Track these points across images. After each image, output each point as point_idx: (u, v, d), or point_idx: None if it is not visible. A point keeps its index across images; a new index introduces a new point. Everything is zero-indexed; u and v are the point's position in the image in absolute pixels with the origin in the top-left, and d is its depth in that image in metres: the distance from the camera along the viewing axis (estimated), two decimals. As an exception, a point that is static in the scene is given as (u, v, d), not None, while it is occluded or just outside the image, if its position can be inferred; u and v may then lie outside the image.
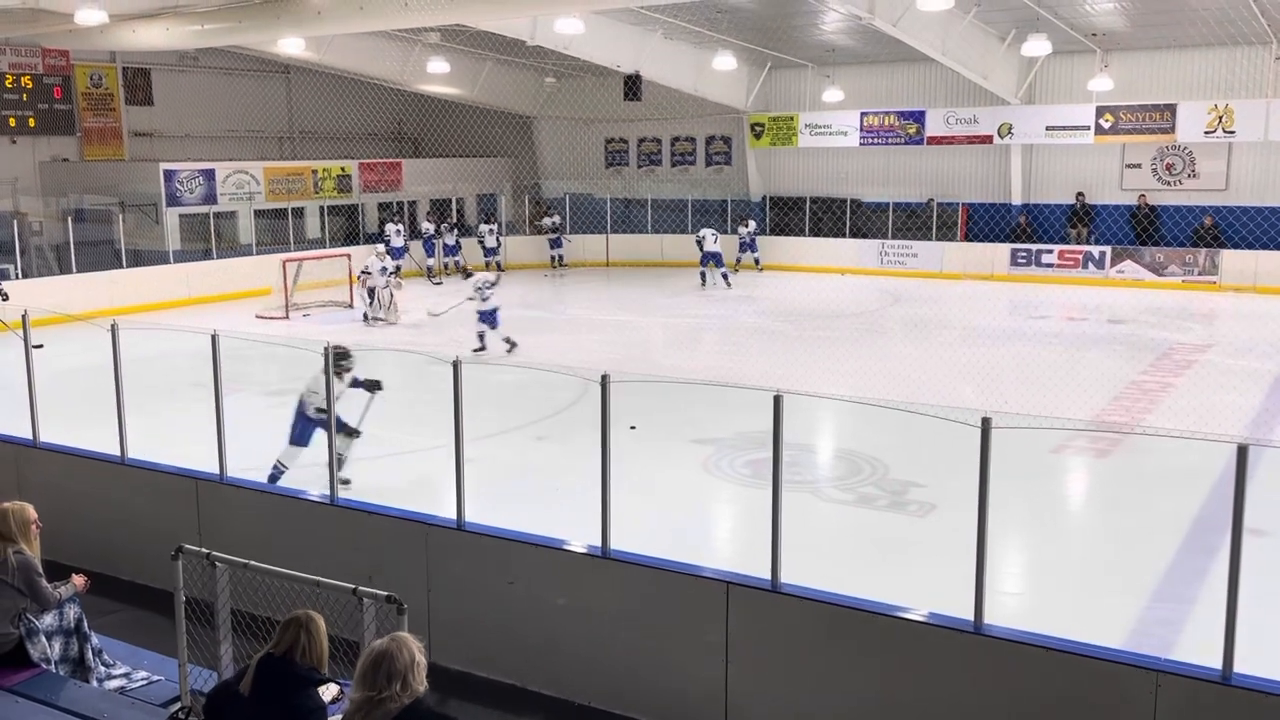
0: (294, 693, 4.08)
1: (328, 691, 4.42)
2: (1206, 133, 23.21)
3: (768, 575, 5.89)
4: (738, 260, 26.47)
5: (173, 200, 23.93)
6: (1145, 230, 24.36)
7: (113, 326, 8.26)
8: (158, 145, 26.42)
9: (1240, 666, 4.83)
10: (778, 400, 5.74)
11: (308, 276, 21.64)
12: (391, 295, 20.11)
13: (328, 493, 7.47)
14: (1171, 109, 23.42)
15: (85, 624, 5.87)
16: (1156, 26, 21.78)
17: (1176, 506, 9.28)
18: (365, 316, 19.90)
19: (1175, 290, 23.12)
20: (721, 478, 10.43)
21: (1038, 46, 21.62)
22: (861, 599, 5.79)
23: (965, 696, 5.42)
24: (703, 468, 10.67)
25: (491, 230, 27.03)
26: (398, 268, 23.15)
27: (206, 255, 23.68)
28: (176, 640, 5.31)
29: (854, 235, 27.53)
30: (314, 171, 27.37)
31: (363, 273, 20.19)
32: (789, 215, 28.35)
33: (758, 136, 28.65)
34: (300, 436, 9.75)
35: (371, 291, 19.88)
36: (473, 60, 26.82)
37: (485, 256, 26.70)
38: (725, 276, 24.72)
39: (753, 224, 26.91)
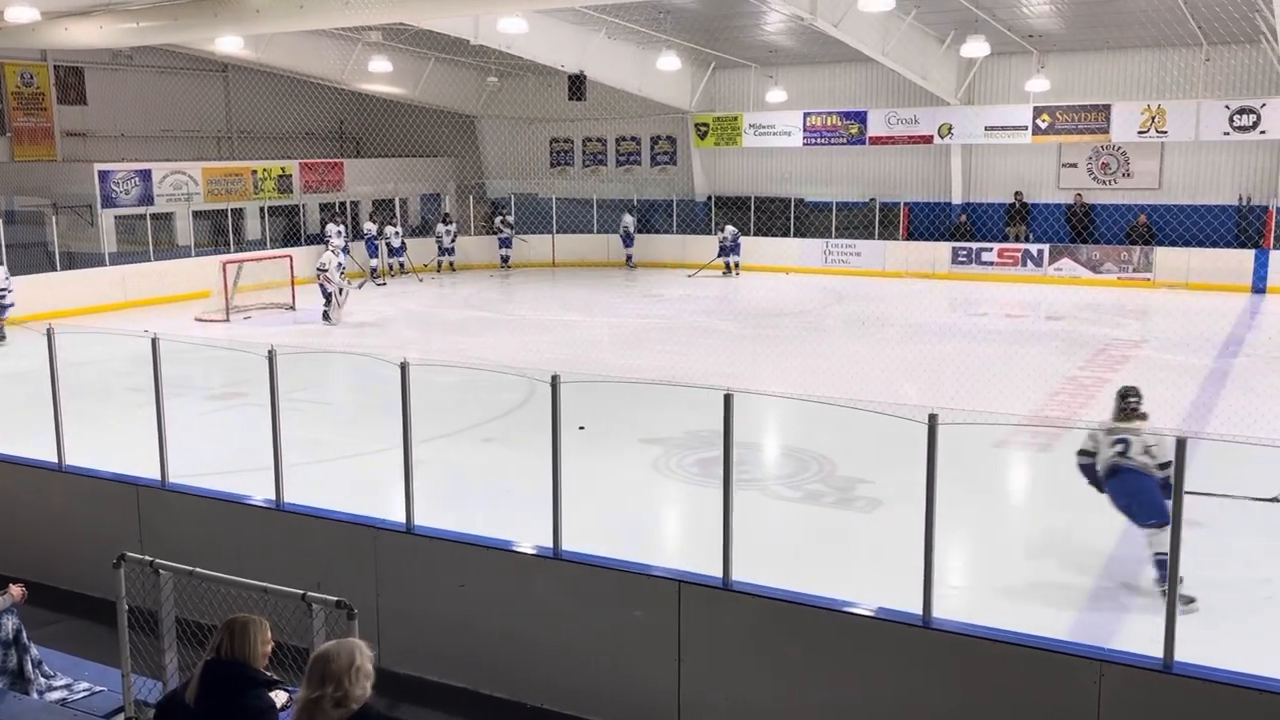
0: (242, 694, 4.02)
1: (276, 698, 4.36)
2: (1140, 133, 23.73)
3: (719, 573, 5.92)
4: (726, 264, 26.39)
5: (108, 201, 23.43)
6: (1081, 229, 24.83)
7: (49, 331, 8.08)
8: (91, 145, 25.87)
9: (1180, 655, 4.94)
10: (728, 399, 5.77)
11: (248, 278, 21.33)
12: (344, 294, 19.98)
13: (273, 497, 7.36)
14: (1106, 109, 23.91)
15: (24, 635, 5.74)
16: (1091, 28, 22.22)
17: (1116, 499, 9.45)
18: (325, 315, 19.76)
19: (1111, 287, 23.59)
20: (671, 477, 10.45)
21: (976, 48, 21.97)
22: (811, 595, 5.84)
23: (915, 689, 5.49)
24: (652, 467, 10.69)
25: (449, 230, 27.17)
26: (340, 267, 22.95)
27: (143, 257, 23.23)
28: (119, 650, 5.21)
29: (798, 235, 27.72)
30: (254, 172, 26.96)
31: (319, 270, 19.97)
32: (734, 215, 28.47)
33: (702, 136, 28.75)
34: (1148, 508, 7.21)
35: (328, 294, 19.72)
36: (415, 59, 26.60)
37: (439, 255, 27.05)
38: (629, 259, 27.99)
39: (731, 229, 26.56)
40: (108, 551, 5.32)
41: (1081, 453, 7.83)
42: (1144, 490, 7.28)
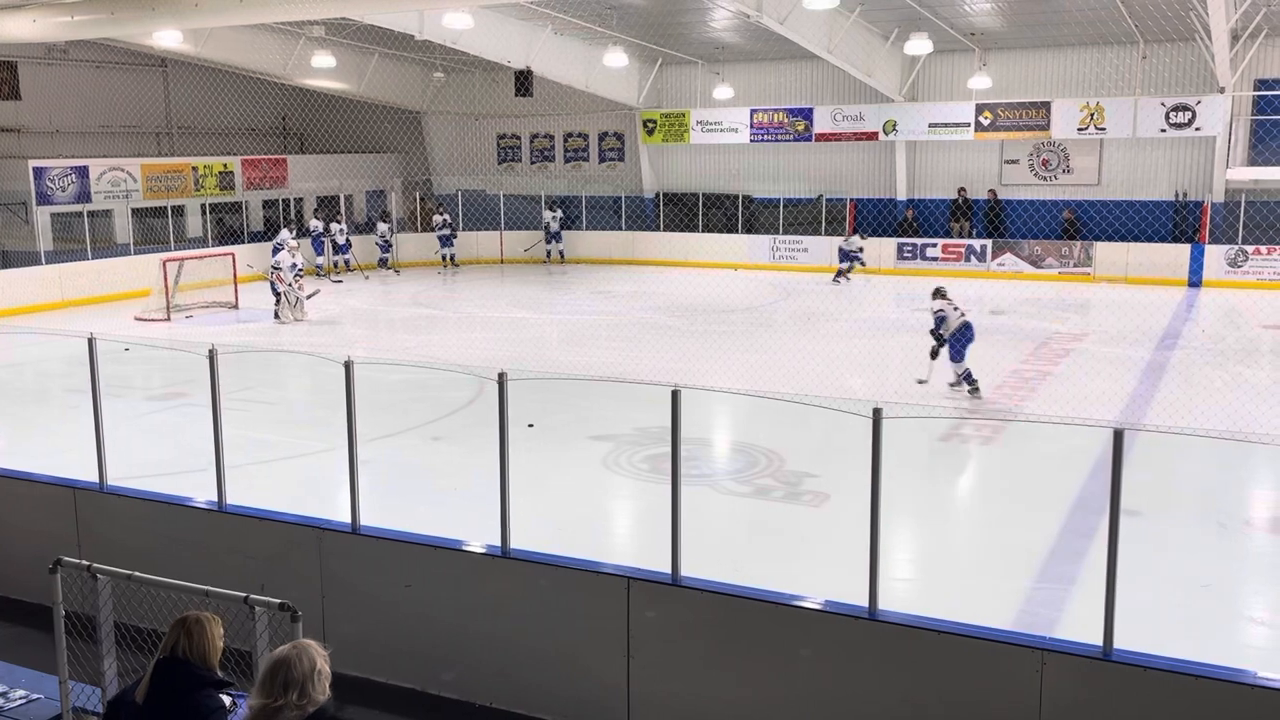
0: (192, 694, 3.95)
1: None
2: (1079, 130, 24.11)
3: (668, 569, 5.93)
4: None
5: (43, 199, 22.96)
6: (994, 223, 25.22)
7: (-19, 331, 7.90)
8: (25, 141, 25.26)
9: (1119, 642, 5.04)
10: (675, 395, 5.78)
11: (190, 277, 21.00)
12: (297, 301, 19.80)
13: (215, 499, 7.25)
14: (1046, 107, 24.27)
15: (-44, 644, 5.60)
16: (1032, 26, 22.56)
17: (1057, 490, 9.62)
18: (276, 315, 19.61)
19: (1052, 282, 23.96)
20: (621, 474, 10.45)
21: (919, 45, 22.23)
22: (760, 589, 5.87)
23: (862, 681, 5.54)
24: (602, 464, 10.68)
25: (390, 227, 27.07)
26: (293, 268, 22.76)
27: (81, 256, 22.77)
28: (56, 656, 5.11)
29: (745, 231, 27.87)
30: (194, 168, 26.54)
31: (272, 268, 19.91)
32: (681, 211, 28.54)
33: (650, 133, 28.76)
34: (967, 349, 13.10)
35: (279, 293, 19.54)
36: (359, 54, 26.32)
37: (383, 253, 26.85)
38: (549, 254, 28.04)
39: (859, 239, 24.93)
40: (44, 556, 5.21)
41: (940, 312, 13.19)
42: (970, 339, 13.05)
